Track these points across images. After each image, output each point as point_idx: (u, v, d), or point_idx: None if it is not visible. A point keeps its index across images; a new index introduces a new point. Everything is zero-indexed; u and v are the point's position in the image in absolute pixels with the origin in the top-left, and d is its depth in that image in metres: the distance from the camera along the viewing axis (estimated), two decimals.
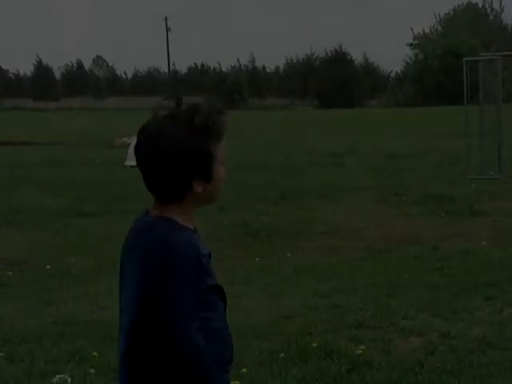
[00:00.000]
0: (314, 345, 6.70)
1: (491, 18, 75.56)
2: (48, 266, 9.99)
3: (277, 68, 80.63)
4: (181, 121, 2.68)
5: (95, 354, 6.52)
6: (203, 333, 2.65)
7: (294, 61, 78.56)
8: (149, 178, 2.71)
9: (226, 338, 2.81)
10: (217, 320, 2.74)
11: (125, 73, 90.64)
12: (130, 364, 2.76)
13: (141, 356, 2.71)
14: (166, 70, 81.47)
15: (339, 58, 74.18)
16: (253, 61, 78.94)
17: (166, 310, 2.62)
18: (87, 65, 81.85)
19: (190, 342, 2.62)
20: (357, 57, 78.60)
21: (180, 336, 2.62)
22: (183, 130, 2.67)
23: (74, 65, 79.44)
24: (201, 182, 2.70)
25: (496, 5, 76.66)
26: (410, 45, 75.25)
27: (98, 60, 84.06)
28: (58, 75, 78.27)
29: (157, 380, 2.70)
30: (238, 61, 79.53)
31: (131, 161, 22.14)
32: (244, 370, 5.98)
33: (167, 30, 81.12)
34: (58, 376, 5.97)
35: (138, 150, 2.74)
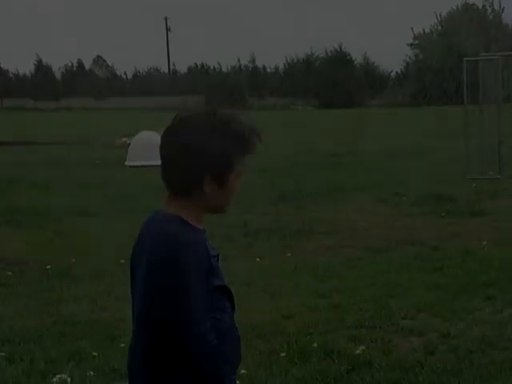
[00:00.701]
0: (314, 345, 6.70)
1: (491, 18, 75.52)
2: (48, 266, 9.98)
3: (277, 68, 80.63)
4: (216, 120, 2.71)
5: (95, 354, 6.52)
6: (214, 332, 2.66)
7: (294, 61, 78.55)
8: (167, 163, 2.75)
9: (234, 339, 2.81)
10: (224, 321, 2.74)
11: (125, 73, 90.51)
12: (135, 363, 2.77)
13: (153, 355, 2.71)
14: (166, 70, 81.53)
15: (339, 58, 74.13)
16: (253, 61, 78.95)
17: (177, 309, 2.62)
18: (87, 65, 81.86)
19: (203, 341, 2.62)
20: (357, 57, 78.38)
21: (192, 335, 2.62)
22: (215, 128, 2.69)
23: (74, 65, 79.45)
24: (213, 184, 2.71)
25: (496, 5, 76.62)
26: (410, 45, 75.24)
27: (98, 60, 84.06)
28: (58, 75, 78.25)
29: (170, 378, 2.70)
30: (238, 61, 79.57)
31: (131, 161, 22.17)
32: (244, 370, 5.98)
33: (167, 29, 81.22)
34: (58, 376, 5.97)
35: (166, 132, 2.78)
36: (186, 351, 2.63)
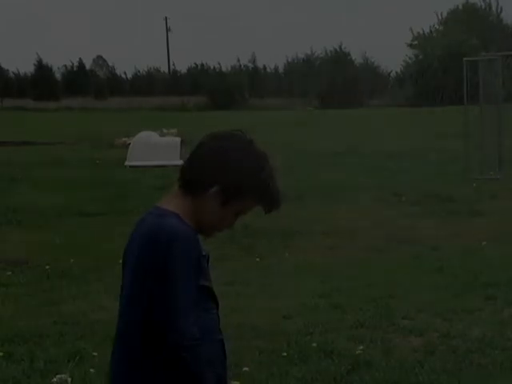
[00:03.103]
0: (314, 345, 6.70)
1: (491, 18, 75.50)
2: (48, 266, 9.98)
3: (277, 68, 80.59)
4: (264, 163, 2.87)
5: (95, 353, 6.52)
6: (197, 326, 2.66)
7: (295, 61, 78.52)
8: (195, 157, 2.84)
9: (216, 341, 2.80)
10: (207, 320, 2.75)
11: (125, 73, 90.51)
12: (121, 350, 2.77)
13: (134, 347, 2.71)
14: (166, 70, 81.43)
15: (339, 58, 74.11)
16: (253, 61, 78.91)
17: (163, 302, 2.62)
18: (87, 65, 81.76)
19: (186, 334, 2.62)
20: (357, 57, 78.31)
21: (177, 327, 2.62)
22: (256, 162, 2.84)
23: (75, 65, 79.36)
24: (217, 197, 2.78)
25: (494, 5, 76.54)
26: (410, 45, 75.21)
27: (98, 60, 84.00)
28: (58, 75, 78.19)
29: (151, 373, 2.70)
30: (238, 61, 79.49)
31: (131, 161, 22.15)
32: (244, 369, 5.98)
33: (167, 29, 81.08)
34: (58, 376, 5.97)
35: (213, 134, 2.89)
36: (169, 343, 2.63)
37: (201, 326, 2.69)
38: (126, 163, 21.87)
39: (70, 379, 5.95)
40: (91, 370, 6.17)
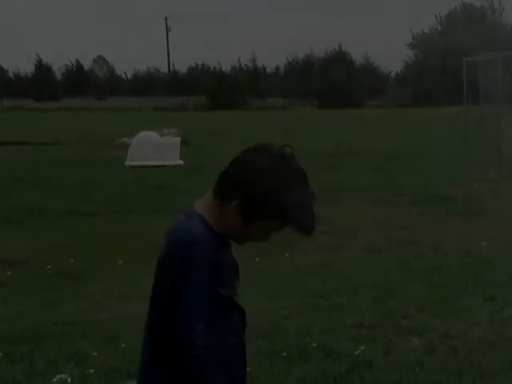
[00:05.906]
0: (314, 345, 6.70)
1: (491, 18, 75.48)
2: (48, 266, 9.98)
3: (277, 68, 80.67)
4: (293, 178, 2.71)
5: (95, 353, 6.52)
6: (205, 335, 2.62)
7: (295, 61, 78.57)
8: (229, 165, 2.72)
9: (233, 342, 2.76)
10: (225, 330, 2.71)
11: (125, 73, 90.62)
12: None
13: (152, 349, 2.72)
14: (166, 70, 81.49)
15: (339, 58, 74.16)
16: (253, 61, 78.96)
17: (176, 305, 2.61)
18: (87, 65, 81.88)
19: (193, 344, 2.60)
20: (357, 57, 78.45)
21: (186, 336, 2.60)
22: (284, 185, 2.67)
23: (74, 65, 79.41)
24: (239, 211, 2.69)
25: (496, 4, 76.58)
26: (410, 45, 75.28)
27: (99, 60, 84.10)
28: (58, 75, 78.27)
29: (163, 375, 2.70)
30: (239, 61, 79.58)
31: (131, 161, 22.16)
32: None
33: (167, 29, 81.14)
34: (58, 376, 5.97)
35: (255, 147, 2.74)
36: (179, 350, 2.62)
37: (211, 334, 2.65)
38: (126, 163, 21.87)
39: (69, 379, 5.95)
40: (91, 370, 6.16)
